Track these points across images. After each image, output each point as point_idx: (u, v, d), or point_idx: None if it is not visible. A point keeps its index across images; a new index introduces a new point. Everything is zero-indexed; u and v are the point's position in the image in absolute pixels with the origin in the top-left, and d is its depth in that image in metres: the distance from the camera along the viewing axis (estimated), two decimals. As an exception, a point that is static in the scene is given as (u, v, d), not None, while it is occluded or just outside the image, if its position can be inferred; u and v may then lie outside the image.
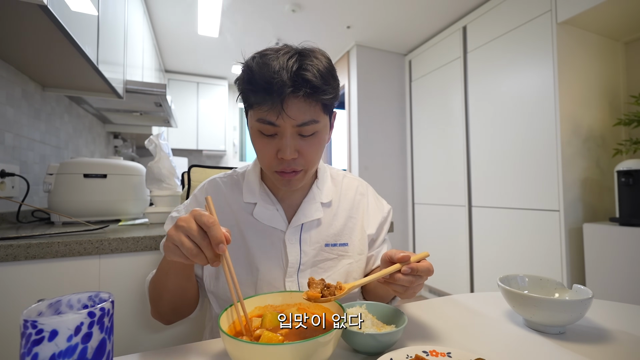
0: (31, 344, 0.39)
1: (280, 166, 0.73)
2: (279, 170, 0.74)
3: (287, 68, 0.65)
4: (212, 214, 0.57)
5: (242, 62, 0.72)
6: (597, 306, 0.78)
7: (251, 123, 0.73)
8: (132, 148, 3.75)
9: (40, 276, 0.95)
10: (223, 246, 0.55)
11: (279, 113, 0.66)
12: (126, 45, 2.10)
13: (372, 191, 0.98)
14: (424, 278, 0.63)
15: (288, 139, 0.70)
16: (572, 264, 2.26)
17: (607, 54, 2.53)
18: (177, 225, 0.57)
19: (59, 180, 1.40)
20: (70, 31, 1.15)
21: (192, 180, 1.28)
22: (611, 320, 0.70)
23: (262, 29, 3.42)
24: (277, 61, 0.66)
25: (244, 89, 0.71)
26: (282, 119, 0.67)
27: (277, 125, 0.69)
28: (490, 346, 0.60)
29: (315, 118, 0.70)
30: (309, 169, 0.77)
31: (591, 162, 2.40)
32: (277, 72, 0.64)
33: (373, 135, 3.73)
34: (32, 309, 0.43)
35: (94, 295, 0.50)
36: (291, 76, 0.65)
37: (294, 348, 0.43)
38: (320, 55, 0.71)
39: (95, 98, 1.99)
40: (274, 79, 0.64)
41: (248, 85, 0.69)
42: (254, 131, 0.73)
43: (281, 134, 0.70)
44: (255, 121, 0.71)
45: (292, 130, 0.70)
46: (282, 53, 0.68)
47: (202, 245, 0.55)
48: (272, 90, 0.64)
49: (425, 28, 3.39)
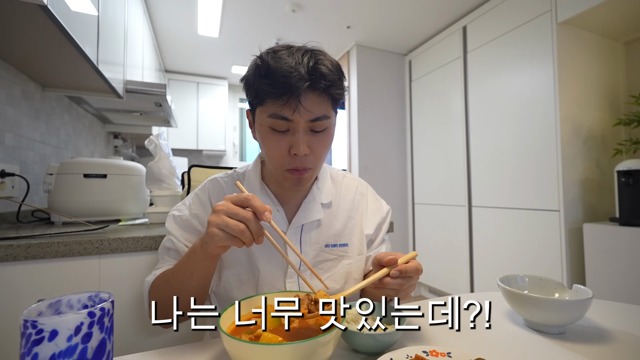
0: (31, 344, 0.39)
1: (292, 164, 0.73)
2: (291, 168, 0.73)
3: (303, 63, 0.66)
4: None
5: (255, 58, 0.72)
6: (597, 306, 0.78)
7: (261, 120, 0.73)
8: (132, 148, 3.75)
9: (40, 276, 0.95)
10: (268, 213, 0.58)
11: (295, 107, 0.67)
12: (126, 45, 2.10)
13: (372, 191, 0.98)
14: (415, 278, 0.63)
15: (301, 134, 0.70)
16: (572, 264, 2.25)
17: (607, 54, 2.53)
18: (216, 210, 0.58)
19: (59, 180, 1.40)
20: (70, 31, 1.15)
21: (192, 180, 1.28)
22: (611, 320, 0.70)
23: (262, 29, 3.42)
24: (292, 57, 0.67)
25: (257, 84, 0.69)
26: (298, 114, 0.67)
27: (291, 121, 0.68)
28: (491, 346, 0.60)
29: (326, 113, 0.71)
30: (317, 167, 0.77)
31: (591, 162, 2.40)
32: (293, 67, 0.65)
33: (373, 135, 3.73)
34: (32, 309, 0.43)
35: (94, 295, 0.50)
36: (309, 70, 0.66)
37: (294, 348, 0.43)
38: (327, 54, 0.73)
39: (95, 98, 1.99)
40: (292, 72, 0.65)
41: (263, 80, 0.68)
42: (264, 128, 0.72)
43: (294, 130, 0.70)
44: (267, 117, 0.70)
45: (305, 126, 0.70)
46: (294, 50, 0.69)
47: (246, 219, 0.57)
48: (290, 83, 0.64)
49: (425, 28, 3.38)
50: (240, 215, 0.57)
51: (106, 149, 3.07)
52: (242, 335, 0.53)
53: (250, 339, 0.51)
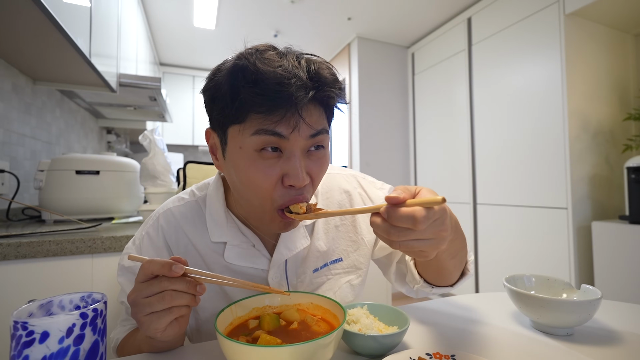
0: (21, 346, 0.39)
1: (285, 197, 0.59)
2: (284, 203, 0.59)
3: (302, 67, 0.55)
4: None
5: (232, 58, 0.58)
6: (606, 307, 0.78)
7: (239, 141, 0.57)
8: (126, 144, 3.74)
9: (31, 276, 0.95)
10: (178, 265, 0.48)
11: (295, 124, 0.55)
12: (119, 38, 2.09)
13: (359, 183, 0.84)
14: (417, 232, 0.44)
15: (298, 159, 0.57)
16: (580, 264, 2.26)
17: (617, 46, 2.53)
18: (132, 303, 0.49)
19: (50, 177, 1.40)
20: (61, 23, 1.14)
21: (187, 177, 1.28)
22: (621, 322, 0.70)
23: (260, 20, 3.41)
24: (285, 59, 0.55)
25: (242, 93, 0.54)
26: (298, 132, 0.55)
27: (287, 139, 0.56)
28: (496, 348, 0.60)
29: (325, 127, 0.60)
30: (310, 197, 0.64)
31: (600, 158, 2.40)
32: (290, 72, 0.53)
33: (375, 131, 3.72)
34: (22, 310, 0.43)
35: (87, 295, 0.50)
36: (311, 76, 0.55)
37: (292, 350, 0.43)
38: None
39: (87, 92, 1.99)
40: (290, 78, 0.52)
41: (250, 88, 0.53)
42: (246, 153, 0.57)
43: (289, 153, 0.57)
44: (252, 135, 0.55)
45: (304, 146, 0.58)
46: (283, 52, 0.58)
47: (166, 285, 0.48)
48: (289, 93, 0.52)
49: (428, 19, 3.37)
50: (156, 287, 0.48)
51: (99, 145, 3.06)
52: (239, 337, 0.53)
53: (247, 341, 0.51)
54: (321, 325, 0.57)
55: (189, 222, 0.71)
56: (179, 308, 0.50)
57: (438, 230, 0.45)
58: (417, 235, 0.44)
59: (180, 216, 0.72)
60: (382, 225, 0.45)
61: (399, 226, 0.44)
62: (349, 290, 0.76)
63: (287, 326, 0.56)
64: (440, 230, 0.45)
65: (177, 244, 0.71)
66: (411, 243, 0.45)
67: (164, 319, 0.49)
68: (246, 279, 0.68)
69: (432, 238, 0.45)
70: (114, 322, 0.77)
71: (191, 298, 0.50)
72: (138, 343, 0.63)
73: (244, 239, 0.70)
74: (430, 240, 0.45)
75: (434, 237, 0.45)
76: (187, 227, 0.71)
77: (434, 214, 0.44)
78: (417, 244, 0.45)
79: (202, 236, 0.70)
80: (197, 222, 0.71)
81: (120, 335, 0.72)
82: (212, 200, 0.71)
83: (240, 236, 0.70)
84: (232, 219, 0.70)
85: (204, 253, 0.70)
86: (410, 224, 0.43)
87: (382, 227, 0.45)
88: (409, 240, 0.45)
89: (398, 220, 0.43)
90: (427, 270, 0.71)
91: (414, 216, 0.42)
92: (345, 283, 0.76)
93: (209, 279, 0.52)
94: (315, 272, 0.74)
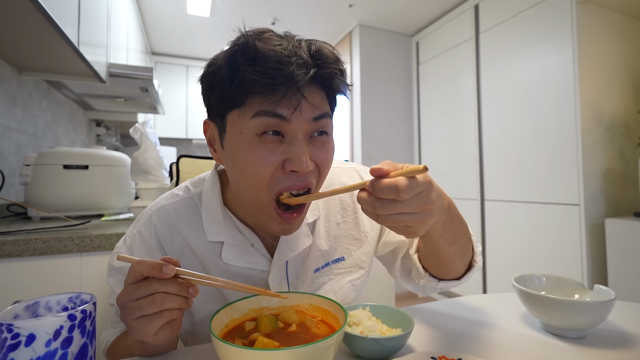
0: (6, 350, 0.38)
1: (286, 182, 0.59)
2: (282, 188, 0.59)
3: (302, 46, 0.56)
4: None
5: (232, 41, 0.58)
6: (620, 308, 0.78)
7: (239, 127, 0.58)
8: (116, 137, 3.74)
9: (16, 276, 0.95)
10: (169, 267, 0.48)
11: (296, 104, 0.55)
12: (109, 25, 2.08)
13: (362, 177, 0.84)
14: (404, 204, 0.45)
15: (301, 142, 0.57)
16: (593, 263, 2.26)
17: (631, 34, 2.51)
18: (121, 305, 0.49)
19: (37, 172, 1.40)
20: (48, 10, 1.13)
21: (181, 172, 1.27)
22: (635, 324, 0.70)
23: (257, 7, 3.39)
24: (285, 40, 0.56)
25: (242, 73, 0.54)
26: (299, 112, 0.56)
27: (288, 121, 0.56)
28: (505, 351, 0.60)
29: (327, 111, 0.61)
30: (318, 187, 0.64)
31: (614, 152, 2.40)
32: (291, 50, 0.54)
33: (377, 123, 3.71)
34: (7, 312, 0.43)
35: (75, 296, 0.50)
36: (312, 54, 0.56)
37: (291, 354, 0.43)
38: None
39: (76, 83, 1.99)
40: (290, 57, 0.53)
41: (250, 67, 0.53)
42: (245, 137, 0.57)
43: (291, 137, 0.57)
44: (252, 118, 0.56)
45: (307, 129, 0.59)
46: (282, 35, 0.59)
47: (156, 288, 0.48)
48: (289, 71, 0.53)
49: (434, 6, 3.35)
50: (146, 289, 0.48)
51: (88, 138, 3.06)
52: (235, 339, 0.53)
53: (244, 344, 0.51)
54: (321, 328, 0.56)
55: (184, 220, 0.71)
56: (170, 311, 0.49)
57: (424, 204, 0.47)
58: (402, 209, 0.46)
59: (175, 214, 0.71)
60: (368, 199, 0.47)
61: (383, 198, 0.45)
62: (351, 291, 0.76)
63: (285, 328, 0.56)
64: (425, 203, 0.47)
65: (171, 243, 0.70)
66: (397, 217, 0.47)
67: (155, 322, 0.48)
68: (245, 280, 0.68)
69: (418, 212, 0.47)
70: (103, 324, 0.76)
71: (183, 301, 0.50)
72: (129, 346, 0.62)
73: (242, 239, 0.69)
74: (416, 214, 0.47)
75: (420, 211, 0.47)
76: (181, 226, 0.70)
77: (418, 186, 0.46)
78: (403, 217, 0.47)
79: (198, 235, 0.70)
80: (193, 221, 0.70)
81: (111, 337, 0.72)
82: (208, 197, 0.71)
83: (239, 235, 0.69)
84: (230, 217, 0.70)
85: (200, 253, 0.69)
86: (393, 194, 0.44)
87: (367, 201, 0.47)
88: (394, 214, 0.46)
89: (381, 191, 0.45)
90: (428, 259, 0.71)
91: (396, 185, 0.44)
92: (347, 283, 0.76)
93: (201, 280, 0.52)
94: (316, 272, 0.73)
